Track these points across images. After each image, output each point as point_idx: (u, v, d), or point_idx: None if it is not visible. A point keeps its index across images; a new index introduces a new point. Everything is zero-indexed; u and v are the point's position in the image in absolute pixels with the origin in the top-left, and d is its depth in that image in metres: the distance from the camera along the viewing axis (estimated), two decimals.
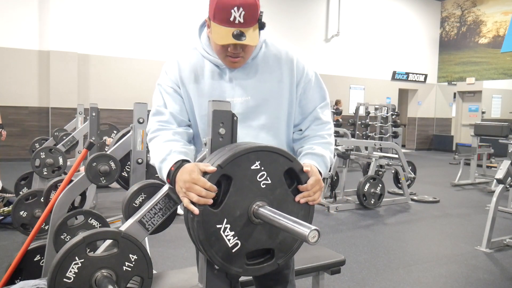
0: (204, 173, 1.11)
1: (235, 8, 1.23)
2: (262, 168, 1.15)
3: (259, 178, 1.15)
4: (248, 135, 1.38)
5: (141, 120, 2.15)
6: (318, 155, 1.38)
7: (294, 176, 1.22)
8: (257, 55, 1.40)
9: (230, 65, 1.35)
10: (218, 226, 1.10)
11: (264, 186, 1.16)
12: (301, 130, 1.47)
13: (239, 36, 1.24)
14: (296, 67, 1.42)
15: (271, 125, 1.40)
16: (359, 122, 9.51)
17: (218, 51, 1.34)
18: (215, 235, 1.10)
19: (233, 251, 1.13)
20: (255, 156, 1.14)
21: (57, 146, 3.58)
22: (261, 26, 1.31)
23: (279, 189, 1.18)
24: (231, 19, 1.24)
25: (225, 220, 1.11)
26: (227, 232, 1.12)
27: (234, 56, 1.31)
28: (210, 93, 1.39)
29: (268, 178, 1.16)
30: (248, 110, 1.38)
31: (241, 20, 1.24)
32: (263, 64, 1.40)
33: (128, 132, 2.26)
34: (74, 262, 1.10)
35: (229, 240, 1.12)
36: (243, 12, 1.23)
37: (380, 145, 5.64)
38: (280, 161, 1.18)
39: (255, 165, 1.14)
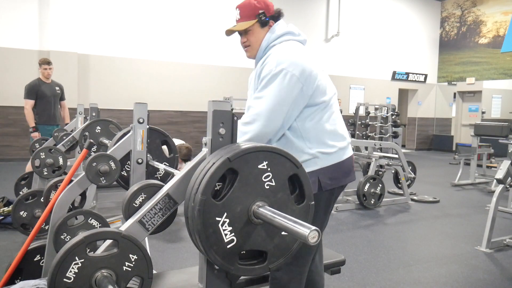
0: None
1: (236, 9, 1.81)
2: (269, 169, 1.16)
3: (264, 178, 1.16)
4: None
5: (141, 120, 2.14)
6: None
7: (298, 183, 1.23)
8: (263, 57, 1.73)
9: (247, 54, 1.84)
10: (217, 218, 1.11)
11: (268, 187, 1.16)
12: None
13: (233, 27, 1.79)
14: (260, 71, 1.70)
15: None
16: (359, 122, 9.51)
17: None
18: (213, 227, 1.10)
19: (228, 247, 1.13)
20: (264, 156, 1.15)
21: (57, 146, 3.57)
22: (262, 22, 1.76)
23: (281, 193, 1.18)
24: (235, 19, 1.82)
25: (225, 214, 1.11)
26: (225, 226, 1.12)
27: (243, 46, 1.82)
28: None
29: (272, 180, 1.17)
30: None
31: (238, 17, 1.80)
32: (258, 64, 1.76)
33: (128, 132, 2.26)
34: (74, 262, 1.10)
35: (225, 235, 1.12)
36: (238, 11, 1.79)
37: (380, 145, 5.64)
38: (286, 166, 1.19)
39: (263, 164, 1.15)
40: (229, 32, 1.83)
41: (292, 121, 1.66)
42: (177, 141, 4.94)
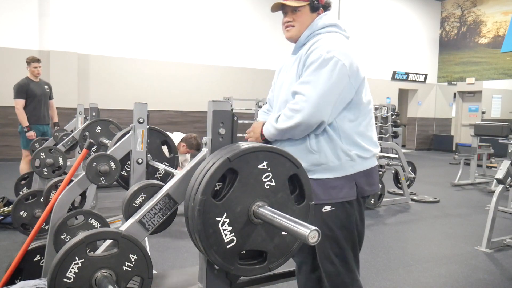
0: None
1: None
2: (269, 169, 1.16)
3: (264, 178, 1.16)
4: (278, 108, 1.73)
5: (141, 120, 2.14)
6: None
7: (298, 183, 1.23)
8: (305, 44, 1.68)
9: (285, 34, 1.74)
10: (217, 218, 1.11)
11: (268, 187, 1.16)
12: None
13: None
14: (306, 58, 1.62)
15: (288, 101, 1.64)
16: None
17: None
18: (213, 227, 1.10)
19: (228, 247, 1.13)
20: (264, 156, 1.15)
21: (57, 146, 3.57)
22: (313, 6, 1.68)
23: (281, 193, 1.18)
24: None
25: (225, 214, 1.11)
26: (225, 226, 1.12)
27: (285, 25, 1.72)
28: (278, 82, 1.83)
29: (272, 180, 1.17)
30: (280, 90, 1.76)
31: None
32: (302, 51, 1.67)
33: (128, 132, 2.26)
34: (74, 262, 1.10)
35: (225, 235, 1.12)
36: None
37: (380, 145, 5.63)
38: (286, 166, 1.19)
39: (262, 164, 1.15)
40: (277, 7, 1.72)
41: (335, 116, 1.59)
42: (177, 135, 4.95)
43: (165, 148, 2.44)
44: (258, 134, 1.66)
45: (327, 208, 1.60)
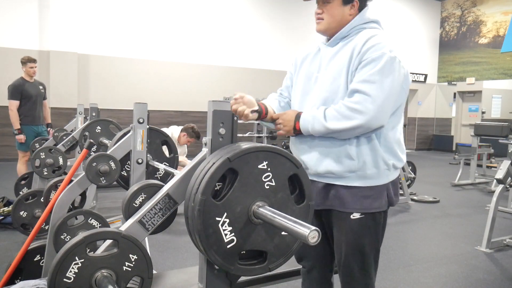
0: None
1: None
2: (269, 169, 1.16)
3: (264, 178, 1.16)
4: (310, 104, 1.59)
5: (141, 120, 2.14)
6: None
7: (298, 183, 1.23)
8: (347, 37, 1.59)
9: (316, 27, 1.65)
10: (217, 218, 1.11)
11: (268, 187, 1.16)
12: None
13: None
14: (361, 50, 1.50)
15: (329, 98, 1.53)
16: None
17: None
18: (213, 227, 1.10)
19: (228, 247, 1.13)
20: (264, 155, 1.15)
21: (57, 146, 3.58)
22: None
23: (281, 193, 1.18)
24: None
25: (225, 214, 1.11)
26: (225, 226, 1.12)
27: (316, 17, 1.62)
28: (303, 72, 1.69)
29: (272, 180, 1.17)
30: (318, 83, 1.60)
31: None
32: (346, 45, 1.57)
33: (128, 132, 2.26)
34: (74, 262, 1.10)
35: (225, 235, 1.12)
36: None
37: None
38: (286, 166, 1.19)
39: (263, 164, 1.15)
40: (318, 4, 1.61)
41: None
42: (175, 128, 5.01)
43: (165, 148, 2.44)
44: (291, 128, 1.56)
45: (356, 215, 1.53)
